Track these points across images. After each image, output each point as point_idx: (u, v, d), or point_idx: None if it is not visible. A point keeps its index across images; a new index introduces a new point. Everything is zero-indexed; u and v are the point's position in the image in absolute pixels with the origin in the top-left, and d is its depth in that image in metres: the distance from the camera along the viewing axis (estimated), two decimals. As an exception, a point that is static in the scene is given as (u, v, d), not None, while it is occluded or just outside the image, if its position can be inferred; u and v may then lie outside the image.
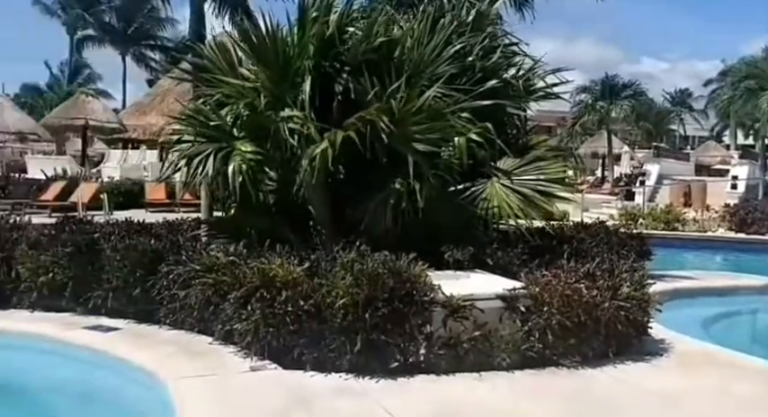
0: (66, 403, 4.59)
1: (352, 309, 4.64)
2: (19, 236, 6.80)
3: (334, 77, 6.46)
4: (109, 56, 48.30)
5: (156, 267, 5.92)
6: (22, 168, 27.02)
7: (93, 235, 6.66)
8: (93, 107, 23.13)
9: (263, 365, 4.81)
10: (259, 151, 6.20)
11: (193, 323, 5.61)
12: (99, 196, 16.93)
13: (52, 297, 6.34)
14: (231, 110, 6.52)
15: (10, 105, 19.96)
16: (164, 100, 26.33)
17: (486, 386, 4.56)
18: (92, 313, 6.16)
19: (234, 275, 5.25)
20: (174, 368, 4.68)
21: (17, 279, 6.49)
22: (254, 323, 4.88)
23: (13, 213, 12.48)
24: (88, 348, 5.26)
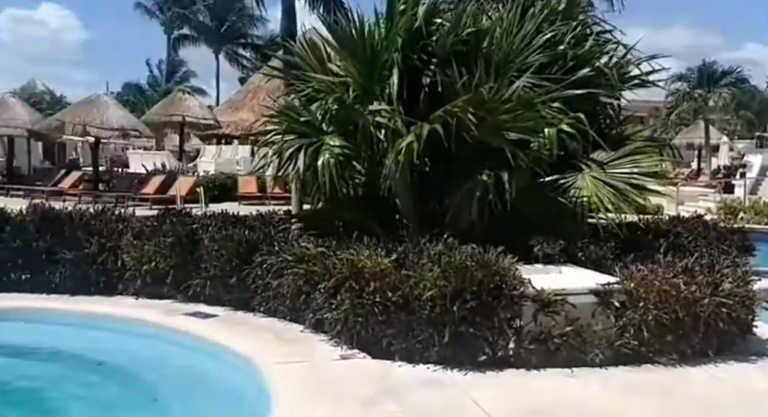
0: (168, 385, 4.84)
1: (440, 301, 4.66)
2: (124, 227, 7.21)
3: (422, 69, 6.48)
4: (203, 54, 50.44)
5: (251, 257, 6.15)
6: (124, 163, 28.72)
7: (192, 227, 6.98)
8: (189, 104, 24.18)
9: (352, 354, 4.91)
10: (347, 145, 6.31)
11: (286, 312, 5.80)
12: (195, 189, 17.73)
13: (155, 285, 6.70)
14: (321, 105, 6.67)
15: (113, 103, 21.11)
16: (255, 96, 27.23)
17: (578, 382, 4.46)
18: (191, 300, 6.47)
19: (324, 266, 5.38)
20: (269, 354, 4.85)
21: (123, 268, 6.88)
22: (343, 312, 4.99)
23: (117, 205, 13.27)
24: (189, 333, 5.54)
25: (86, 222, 7.23)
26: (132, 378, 4.99)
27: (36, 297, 6.64)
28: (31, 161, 25.04)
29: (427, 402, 4.13)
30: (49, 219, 7.22)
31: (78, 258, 6.89)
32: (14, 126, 21.46)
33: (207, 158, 26.54)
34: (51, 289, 6.82)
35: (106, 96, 21.76)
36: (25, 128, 21.53)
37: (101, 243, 6.95)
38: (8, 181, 21.04)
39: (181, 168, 22.72)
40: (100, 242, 6.95)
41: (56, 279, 6.87)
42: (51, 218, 7.23)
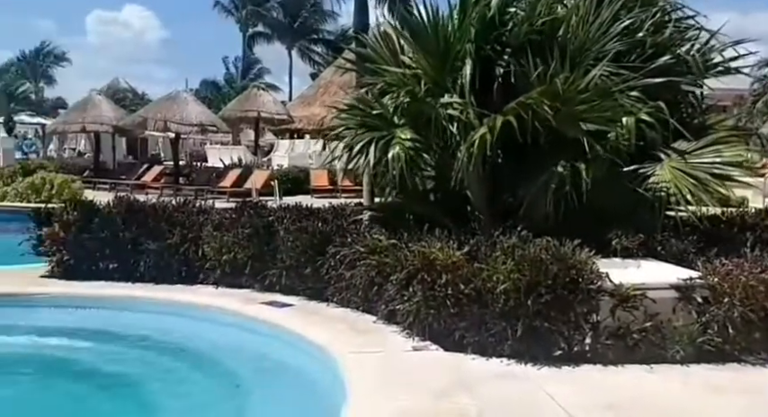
0: (248, 372, 5.01)
1: (514, 295, 4.62)
2: (205, 219, 7.47)
3: (495, 60, 6.40)
4: (276, 51, 51.51)
5: (324, 248, 6.27)
6: (202, 157, 29.68)
7: (269, 219, 7.17)
8: (263, 100, 24.74)
9: (424, 345, 4.94)
10: (418, 138, 6.32)
11: (358, 303, 5.88)
12: (270, 182, 18.15)
13: (233, 275, 6.93)
14: (392, 98, 6.70)
15: (192, 99, 21.87)
16: (326, 91, 27.58)
17: (657, 379, 4.34)
18: (267, 289, 6.66)
19: (396, 257, 5.43)
20: (342, 343, 4.95)
21: (203, 258, 7.14)
22: (415, 304, 5.03)
23: (197, 198, 13.76)
24: (266, 322, 5.71)
25: (169, 214, 7.54)
26: (215, 365, 5.19)
27: (123, 286, 6.99)
28: (115, 156, 26.24)
29: (501, 395, 4.12)
30: (134, 211, 7.57)
31: (161, 248, 7.20)
32: (101, 122, 22.55)
33: (280, 152, 27.09)
34: (137, 278, 7.15)
35: (185, 93, 22.55)
36: (110, 124, 22.60)
37: (183, 234, 7.23)
38: (95, 175, 22.13)
39: (256, 162, 23.31)
40: (182, 233, 7.24)
41: (140, 268, 7.19)
42: (136, 210, 7.57)
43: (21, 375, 5.37)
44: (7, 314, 6.13)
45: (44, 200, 14.35)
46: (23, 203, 15.80)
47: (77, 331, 5.97)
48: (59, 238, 7.30)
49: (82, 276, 7.18)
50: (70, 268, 7.28)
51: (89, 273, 7.26)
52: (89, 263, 7.35)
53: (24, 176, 17.37)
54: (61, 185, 16.23)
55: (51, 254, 7.36)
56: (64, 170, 19.71)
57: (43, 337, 5.93)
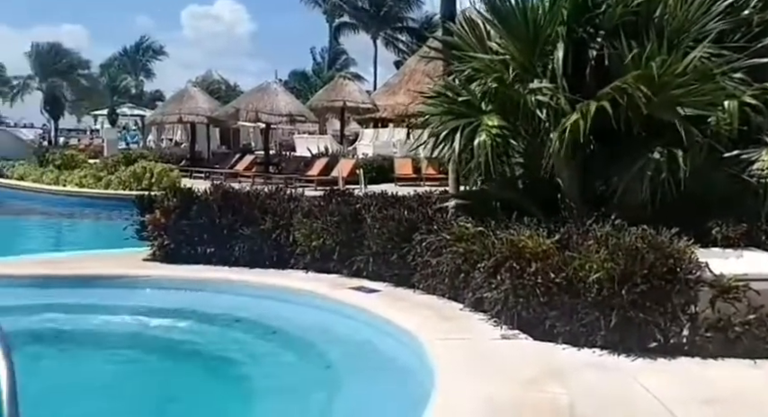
0: (338, 354, 5.14)
1: (608, 284, 4.50)
2: (295, 206, 7.69)
3: (588, 43, 6.21)
4: (361, 41, 51.94)
5: (410, 235, 6.31)
6: (291, 147, 30.41)
7: (356, 206, 7.29)
8: (349, 89, 25.10)
9: (513, 334, 4.90)
10: (505, 125, 6.23)
11: (444, 290, 5.90)
12: (355, 171, 18.43)
13: (322, 260, 7.10)
14: (480, 84, 6.63)
15: (282, 90, 22.47)
16: (410, 79, 27.59)
17: (761, 374, 4.13)
18: (355, 275, 6.78)
19: (483, 245, 5.40)
20: (429, 329, 4.98)
21: (294, 244, 7.35)
22: (503, 292, 4.99)
23: (287, 186, 14.15)
24: (354, 307, 5.83)
25: (262, 201, 7.80)
26: (305, 346, 5.36)
27: (219, 269, 7.30)
28: (210, 146, 27.34)
29: (593, 385, 4.03)
30: (229, 198, 7.88)
31: (255, 234, 7.46)
32: (196, 113, 23.56)
33: (365, 141, 27.38)
34: (232, 262, 7.45)
35: (275, 84, 23.18)
36: (205, 115, 23.57)
37: (274, 221, 7.47)
38: (191, 165, 23.15)
39: (342, 151, 23.68)
40: (273, 219, 7.48)
41: (236, 252, 7.48)
42: (231, 197, 7.88)
43: (123, 351, 5.71)
44: (113, 295, 6.54)
45: (145, 188, 15.18)
46: (126, 191, 16.78)
47: (176, 311, 6.30)
48: (160, 224, 7.70)
49: (181, 260, 7.55)
50: (170, 252, 7.66)
51: (188, 257, 7.62)
52: (188, 248, 7.72)
53: (127, 165, 18.43)
54: (160, 174, 17.11)
55: (153, 239, 7.78)
56: (162, 159, 20.72)
57: (145, 316, 6.29)
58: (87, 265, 7.35)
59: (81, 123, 53.59)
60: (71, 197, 17.33)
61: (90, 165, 20.02)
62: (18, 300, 6.00)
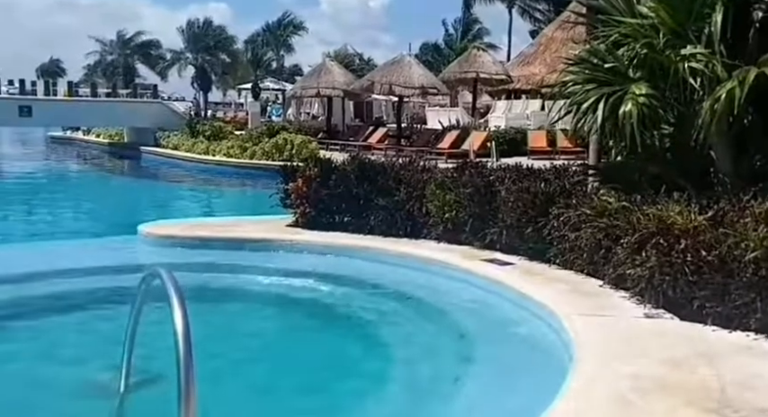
0: (471, 324, 5.18)
1: (766, 264, 4.17)
2: (428, 178, 7.76)
3: (751, 3, 5.70)
4: (495, 11, 50.71)
5: (547, 209, 6.17)
6: (422, 120, 30.53)
7: (489, 178, 7.24)
8: (483, 60, 24.67)
9: (657, 313, 4.69)
10: (653, 94, 5.88)
11: (583, 265, 5.73)
12: (487, 144, 18.20)
13: (455, 231, 7.14)
14: (627, 50, 6.29)
15: (415, 63, 22.55)
16: (547, 49, 26.64)
17: None
18: (487, 247, 6.77)
19: (627, 220, 5.17)
20: (567, 304, 4.88)
21: (427, 215, 7.45)
22: (648, 270, 4.77)
23: (417, 159, 14.24)
24: (488, 278, 5.83)
25: (396, 172, 7.95)
26: (438, 314, 5.45)
27: (356, 237, 7.57)
28: (345, 119, 28.06)
29: (746, 370, 3.77)
30: (365, 169, 8.10)
31: (389, 204, 7.64)
32: (333, 87, 24.23)
33: (497, 113, 26.87)
34: (367, 231, 7.70)
35: (409, 57, 23.27)
36: (341, 88, 24.18)
37: (408, 192, 7.60)
38: (327, 137, 23.92)
39: (473, 123, 23.44)
40: (407, 190, 7.61)
41: (371, 222, 7.72)
42: (368, 168, 8.10)
43: (269, 308, 6.11)
44: (260, 257, 7.00)
45: (286, 159, 15.93)
46: (268, 161, 17.70)
47: (318, 274, 6.63)
48: (302, 192, 8.08)
49: (321, 227, 7.90)
50: (311, 219, 8.03)
51: (327, 225, 7.96)
52: (327, 216, 8.06)
53: (269, 137, 19.40)
54: (300, 145, 17.86)
55: (296, 207, 8.18)
56: (301, 132, 21.57)
57: (289, 278, 6.68)
58: (237, 229, 7.89)
59: (226, 97, 56.91)
60: (219, 166, 18.58)
61: (236, 137, 21.28)
62: (180, 259, 6.57)
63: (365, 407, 3.96)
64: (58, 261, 6.73)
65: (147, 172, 20.56)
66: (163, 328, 3.49)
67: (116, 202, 14.54)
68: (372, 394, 4.09)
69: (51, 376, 4.25)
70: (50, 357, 4.61)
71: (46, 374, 4.30)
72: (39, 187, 17.11)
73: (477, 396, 3.94)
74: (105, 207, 13.75)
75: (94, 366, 4.22)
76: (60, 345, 4.85)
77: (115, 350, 3.79)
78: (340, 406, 3.95)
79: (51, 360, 4.54)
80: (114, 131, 26.90)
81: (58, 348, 4.79)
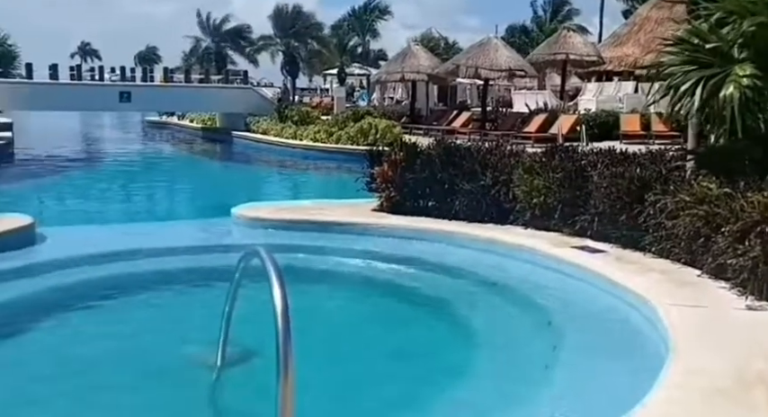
0: (559, 311, 5.07)
1: None
2: (516, 162, 7.63)
3: None
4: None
5: (642, 195, 5.95)
6: (507, 103, 29.98)
7: (581, 163, 7.04)
8: (573, 42, 23.87)
9: (760, 305, 4.45)
10: (758, 74, 5.53)
11: (680, 254, 5.50)
12: (576, 128, 17.68)
13: (543, 218, 7.00)
14: (732, 29, 5.94)
15: (502, 45, 22.12)
16: (641, 29, 25.46)
17: None
18: (577, 234, 6.60)
19: (729, 208, 4.92)
20: (663, 294, 4.70)
21: (514, 200, 7.34)
22: (751, 260, 4.53)
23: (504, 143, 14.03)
24: (578, 265, 5.70)
25: (483, 156, 7.87)
26: (525, 301, 5.38)
27: (440, 222, 7.56)
28: (428, 103, 27.95)
29: None
30: (451, 153, 8.05)
31: (475, 189, 7.57)
32: (417, 71, 24.17)
33: (587, 96, 25.99)
34: (452, 216, 7.67)
35: (496, 39, 22.85)
36: (425, 72, 24.07)
37: (494, 176, 7.50)
38: (411, 122, 23.92)
39: (562, 107, 22.81)
40: (494, 174, 7.52)
41: (456, 206, 7.68)
42: (453, 152, 8.05)
43: (355, 289, 6.21)
44: (346, 239, 7.12)
45: (370, 144, 16.07)
46: (353, 146, 17.92)
47: (403, 258, 6.67)
48: (388, 177, 8.13)
49: (406, 211, 7.94)
50: (396, 203, 8.08)
51: (411, 209, 7.99)
52: (411, 200, 8.09)
53: (354, 122, 19.62)
54: (384, 130, 17.97)
55: (381, 191, 8.25)
56: (385, 116, 21.67)
57: (375, 261, 6.76)
58: (324, 212, 8.05)
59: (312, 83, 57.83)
60: (306, 150, 18.98)
61: (322, 122, 21.65)
62: (270, 240, 6.78)
63: (451, 390, 3.97)
64: (159, 240, 7.09)
65: (238, 155, 21.26)
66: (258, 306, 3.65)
67: (210, 185, 15.15)
68: (459, 378, 4.11)
69: (153, 348, 4.50)
70: (152, 330, 4.88)
71: (148, 346, 4.55)
72: (137, 170, 18.06)
73: (568, 384, 3.88)
74: (200, 189, 14.36)
75: (193, 340, 4.43)
76: (161, 320, 5.13)
77: (213, 326, 3.97)
78: (425, 391, 3.98)
79: (154, 333, 4.81)
80: (207, 116, 27.93)
81: (159, 322, 5.07)
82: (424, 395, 3.89)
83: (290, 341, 2.18)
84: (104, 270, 6.03)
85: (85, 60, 72.52)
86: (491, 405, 3.71)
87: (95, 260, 6.22)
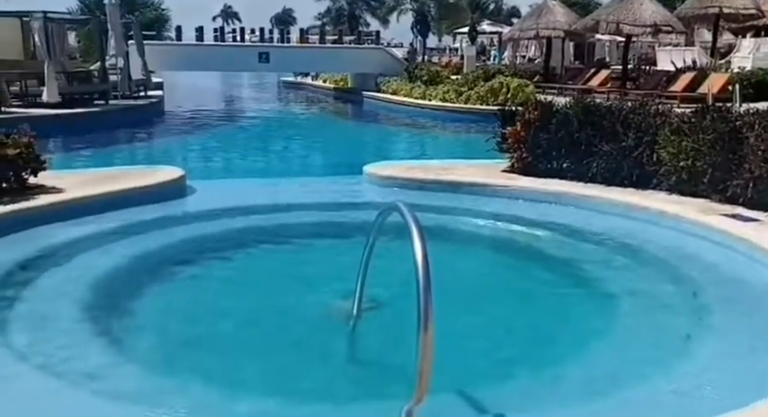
0: (705, 281, 4.76)
1: None
2: (662, 122, 7.17)
3: None
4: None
5: (809, 161, 5.42)
6: (651, 61, 28.09)
7: (736, 124, 6.49)
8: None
9: None
10: None
11: None
12: (728, 87, 16.31)
13: (689, 182, 6.57)
14: None
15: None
16: (813, -26, 22.77)
17: None
18: (728, 201, 6.16)
19: None
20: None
21: (658, 163, 6.92)
22: None
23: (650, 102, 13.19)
24: (729, 234, 5.32)
25: (625, 116, 7.46)
26: (667, 269, 5.10)
27: (575, 185, 7.30)
28: (563, 61, 26.77)
29: None
30: (589, 112, 7.70)
31: (614, 150, 7.22)
32: (553, 27, 23.15)
33: (743, 53, 23.74)
34: (588, 179, 7.37)
35: (641, -9, 21.30)
36: (562, 29, 23.01)
37: (637, 137, 7.11)
38: (544, 80, 23.07)
39: (712, 64, 21.05)
40: (636, 135, 7.12)
41: (593, 169, 7.37)
42: (592, 111, 7.69)
43: (484, 252, 6.16)
44: (475, 201, 7.06)
45: (500, 103, 15.72)
46: (483, 106, 17.62)
47: (534, 221, 6.52)
48: (520, 137, 7.94)
49: (538, 173, 7.73)
50: (528, 164, 7.89)
51: (544, 171, 7.77)
52: (545, 161, 7.85)
53: (485, 81, 19.23)
54: (516, 89, 17.49)
55: (512, 151, 8.08)
56: (516, 75, 21.04)
57: (501, 223, 6.67)
58: (453, 172, 8.02)
59: (441, 42, 57.23)
60: (435, 110, 18.90)
61: (452, 81, 21.40)
62: (401, 198, 6.83)
63: (587, 354, 3.87)
64: (295, 195, 7.41)
65: (369, 115, 21.58)
66: (392, 261, 3.73)
67: (342, 143, 15.54)
68: (596, 344, 3.99)
69: (291, 296, 4.74)
70: (291, 280, 5.14)
71: (286, 294, 4.79)
72: (275, 127, 18.86)
73: (713, 356, 3.66)
74: (332, 147, 14.78)
75: (331, 291, 4.63)
76: (299, 270, 5.38)
77: (349, 278, 4.11)
78: (563, 354, 3.91)
79: (292, 283, 5.06)
80: (339, 77, 28.47)
81: (297, 273, 5.32)
82: (560, 360, 3.82)
83: (430, 294, 2.22)
84: (246, 222, 6.39)
85: (227, 22, 75.95)
86: (629, 373, 3.58)
87: (238, 212, 6.62)
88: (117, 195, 6.63)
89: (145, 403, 3.11)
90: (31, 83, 15.13)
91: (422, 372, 2.18)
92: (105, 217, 6.14)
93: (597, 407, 3.16)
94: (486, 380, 3.55)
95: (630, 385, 3.38)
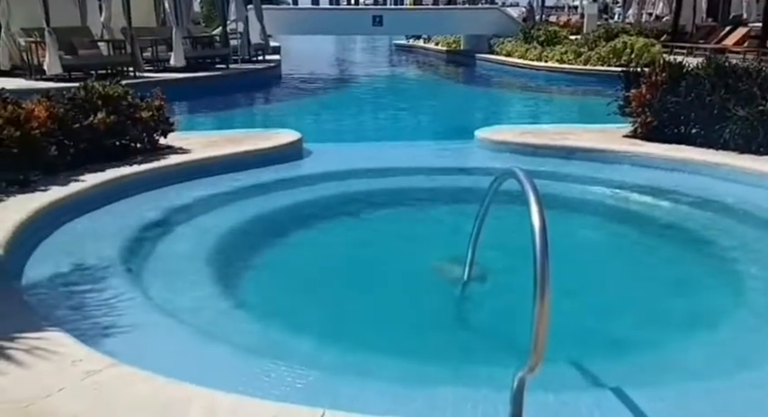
0: None
1: None
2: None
3: None
4: None
5: None
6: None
7: None
8: None
9: None
10: None
11: None
12: None
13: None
14: None
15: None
16: None
17: None
18: None
19: None
20: None
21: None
22: None
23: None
24: None
25: (764, 78, 6.87)
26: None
27: (706, 152, 6.85)
28: (695, 19, 24.87)
29: None
30: (724, 74, 7.16)
31: (752, 115, 6.69)
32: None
33: None
34: (719, 145, 6.90)
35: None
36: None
37: (779, 101, 6.53)
38: (672, 40, 21.58)
39: None
40: (777, 99, 6.54)
41: (725, 135, 6.87)
42: (728, 73, 7.14)
43: (596, 220, 5.94)
44: (593, 167, 6.79)
45: (623, 64, 14.91)
46: (604, 67, 16.77)
47: (658, 189, 6.19)
48: (645, 100, 7.51)
49: (663, 138, 7.32)
50: (653, 129, 7.48)
51: (670, 136, 7.35)
52: (671, 126, 7.41)
53: (607, 41, 18.26)
54: (641, 49, 16.50)
55: (636, 115, 7.67)
56: (642, 34, 19.82)
57: (626, 191, 6.37)
58: (571, 137, 7.74)
59: (559, 1, 54.71)
60: (552, 72, 18.21)
61: (571, 42, 20.48)
62: (515, 164, 6.70)
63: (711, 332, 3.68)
64: (408, 159, 7.44)
65: (481, 78, 21.14)
66: (505, 228, 3.68)
67: (454, 107, 15.36)
68: (723, 320, 3.79)
69: (402, 259, 4.81)
70: (402, 243, 5.20)
71: (397, 257, 4.87)
72: (387, 91, 18.92)
73: None
74: (443, 111, 14.65)
75: (442, 254, 4.65)
76: (411, 234, 5.43)
77: (461, 243, 4.10)
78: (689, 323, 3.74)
79: (403, 245, 5.13)
80: (452, 39, 28.01)
81: (409, 236, 5.38)
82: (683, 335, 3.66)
83: (547, 261, 2.17)
84: (362, 185, 6.50)
85: (341, -14, 76.37)
86: (756, 354, 3.37)
87: (353, 174, 6.74)
88: (239, 157, 6.94)
89: (266, 356, 3.25)
90: (160, 48, 15.99)
91: (537, 340, 2.15)
92: (228, 178, 6.45)
93: (717, 385, 2.99)
94: (601, 352, 3.47)
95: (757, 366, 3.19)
